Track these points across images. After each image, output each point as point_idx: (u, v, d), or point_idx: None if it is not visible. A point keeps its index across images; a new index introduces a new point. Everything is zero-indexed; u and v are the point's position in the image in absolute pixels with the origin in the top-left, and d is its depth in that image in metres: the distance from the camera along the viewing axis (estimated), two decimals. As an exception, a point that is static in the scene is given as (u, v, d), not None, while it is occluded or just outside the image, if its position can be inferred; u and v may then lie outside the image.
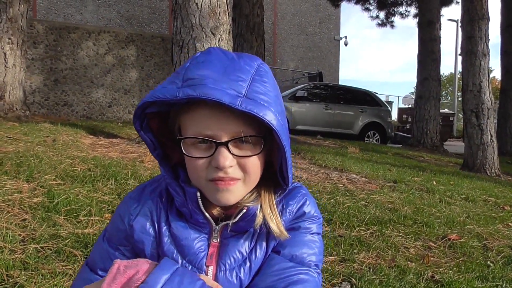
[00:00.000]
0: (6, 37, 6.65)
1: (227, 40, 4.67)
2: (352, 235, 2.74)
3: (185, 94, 0.80)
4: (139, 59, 11.03)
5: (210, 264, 0.94)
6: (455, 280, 2.20)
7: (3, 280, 1.76)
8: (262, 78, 0.86)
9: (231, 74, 0.83)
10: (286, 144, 0.86)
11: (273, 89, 0.87)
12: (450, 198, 4.19)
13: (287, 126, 0.89)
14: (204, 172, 0.87)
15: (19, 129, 4.91)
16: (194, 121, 0.85)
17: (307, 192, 1.03)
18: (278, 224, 0.93)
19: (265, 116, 0.80)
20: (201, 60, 0.86)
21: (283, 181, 0.93)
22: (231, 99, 0.79)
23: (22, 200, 2.60)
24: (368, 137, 12.89)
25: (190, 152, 0.87)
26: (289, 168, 0.90)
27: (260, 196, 0.94)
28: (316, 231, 1.00)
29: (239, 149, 0.86)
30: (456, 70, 28.81)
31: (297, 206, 0.99)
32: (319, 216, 1.02)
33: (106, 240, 1.00)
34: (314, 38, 22.51)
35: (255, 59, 0.90)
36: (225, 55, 0.87)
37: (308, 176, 4.39)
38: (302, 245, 0.96)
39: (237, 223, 0.94)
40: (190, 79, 0.82)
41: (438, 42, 11.62)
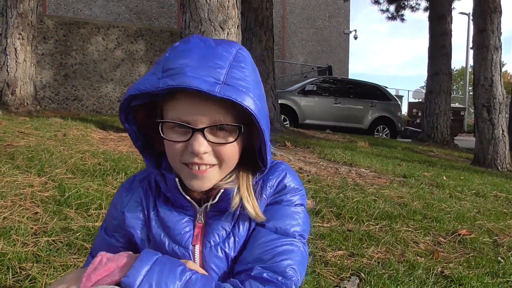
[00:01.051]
0: (17, 32, 6.70)
1: (235, 34, 4.66)
2: (361, 230, 2.73)
3: (165, 84, 0.82)
4: (148, 54, 11.06)
5: (196, 243, 0.98)
6: (465, 276, 2.19)
7: (16, 272, 1.79)
8: (239, 64, 0.87)
9: (209, 61, 0.85)
10: (265, 128, 0.88)
11: (251, 74, 0.89)
12: (461, 193, 4.16)
13: (266, 110, 0.92)
14: (181, 156, 0.90)
15: (30, 124, 4.96)
16: (175, 107, 0.88)
17: (287, 167, 1.05)
18: (254, 207, 0.96)
19: (244, 102, 0.83)
20: (180, 49, 0.89)
21: (262, 163, 0.96)
22: (209, 86, 0.81)
23: (33, 194, 2.63)
24: (378, 131, 12.81)
25: (168, 135, 0.90)
26: (268, 151, 0.92)
27: (238, 178, 0.97)
28: (299, 203, 1.02)
29: (215, 136, 0.89)
30: (468, 64, 28.47)
31: (277, 180, 1.01)
32: (301, 188, 1.04)
33: (103, 228, 1.09)
34: (324, 32, 22.37)
35: (234, 45, 0.91)
36: (203, 42, 0.89)
37: (317, 171, 4.38)
38: (286, 217, 0.98)
39: (216, 204, 0.97)
40: (170, 69, 0.84)
41: (449, 36, 11.48)
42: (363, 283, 2.04)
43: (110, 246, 1.06)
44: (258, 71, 0.94)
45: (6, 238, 2.04)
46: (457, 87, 52.27)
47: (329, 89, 12.77)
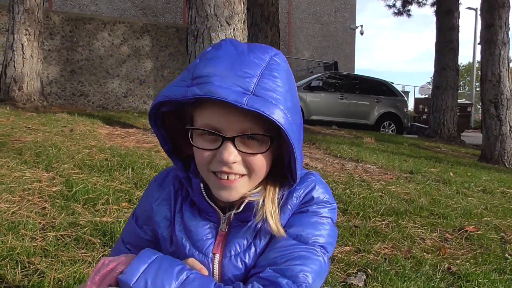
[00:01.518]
0: (24, 28, 6.73)
1: (241, 29, 4.65)
2: (367, 226, 2.73)
3: (193, 94, 0.80)
4: (153, 50, 11.06)
5: (216, 251, 0.96)
6: (472, 272, 2.18)
7: (25, 266, 1.80)
8: (272, 72, 0.83)
9: (238, 70, 0.81)
10: (295, 142, 0.84)
11: (285, 84, 0.85)
12: (467, 189, 4.14)
13: (299, 122, 0.88)
14: (209, 164, 0.88)
15: (37, 119, 4.99)
16: (204, 114, 0.86)
17: (318, 178, 1.00)
18: (276, 222, 0.92)
19: (272, 115, 0.79)
20: (210, 56, 0.86)
21: (291, 176, 0.92)
22: (236, 97, 0.78)
23: (41, 189, 2.65)
24: (384, 127, 12.76)
25: (197, 142, 0.88)
26: (297, 165, 0.88)
27: (265, 190, 0.94)
28: (326, 215, 0.97)
29: (246, 146, 0.86)
30: (475, 59, 28.26)
31: (304, 191, 0.97)
32: (331, 202, 0.99)
33: (134, 217, 1.10)
34: (330, 27, 22.27)
35: (269, 51, 0.87)
36: (235, 48, 0.86)
37: (323, 167, 4.37)
38: (308, 226, 0.95)
39: (240, 214, 0.95)
40: (198, 77, 0.82)
41: (456, 31, 11.39)
42: (370, 279, 2.04)
43: (138, 236, 1.07)
44: (292, 78, 0.90)
45: (14, 232, 2.05)
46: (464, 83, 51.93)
47: (335, 84, 12.72)
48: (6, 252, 1.87)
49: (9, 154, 3.27)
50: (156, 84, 11.06)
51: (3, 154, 3.25)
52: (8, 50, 6.77)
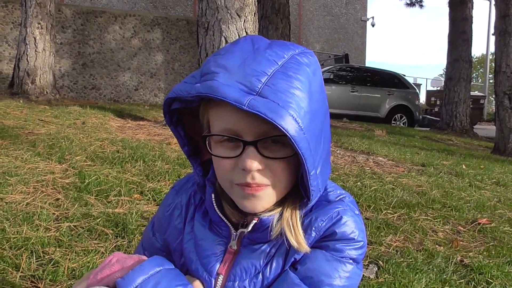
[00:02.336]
0: (36, 22, 6.78)
1: (252, 21, 4.63)
2: (379, 218, 2.71)
3: (196, 91, 0.73)
4: (164, 42, 11.08)
5: (221, 271, 0.87)
6: (485, 265, 2.16)
7: (39, 256, 1.83)
8: (287, 72, 0.73)
9: (247, 67, 0.72)
10: (305, 152, 0.72)
11: (302, 85, 0.73)
12: (480, 182, 4.10)
13: (316, 130, 0.76)
14: (230, 174, 0.79)
15: (50, 112, 5.04)
16: (220, 117, 0.77)
17: (348, 208, 0.85)
18: (297, 236, 0.81)
19: (276, 119, 0.68)
20: (224, 51, 0.78)
21: (304, 192, 0.81)
22: (238, 97, 0.69)
23: (55, 181, 2.68)
24: (395, 120, 12.67)
25: (216, 150, 0.79)
26: (310, 180, 0.76)
27: (284, 205, 0.83)
28: (351, 256, 0.83)
29: (270, 150, 0.76)
30: (488, 51, 27.81)
31: (327, 224, 0.83)
32: (359, 240, 0.84)
33: (152, 223, 1.02)
34: (340, 19, 22.08)
35: (291, 48, 0.77)
36: (253, 43, 0.77)
37: (334, 159, 4.36)
38: (322, 267, 0.82)
39: (252, 233, 0.85)
40: (206, 74, 0.75)
41: (470, 22, 11.22)
42: (381, 271, 2.04)
43: (152, 244, 1.00)
44: (319, 82, 0.79)
45: (29, 223, 2.09)
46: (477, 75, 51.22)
47: (346, 77, 12.64)
48: (22, 242, 1.90)
49: (23, 146, 3.32)
50: (166, 77, 11.10)
51: (17, 146, 3.30)
52: (21, 43, 6.84)
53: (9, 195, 2.39)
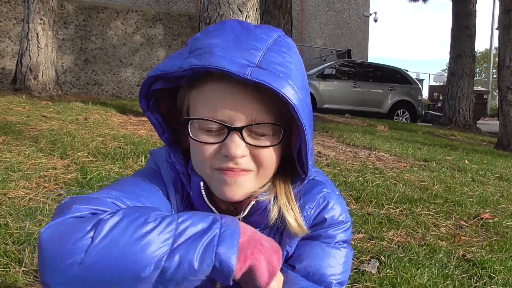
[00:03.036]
0: (38, 17, 6.77)
1: (254, 17, 4.62)
2: (381, 213, 2.71)
3: (190, 64, 0.70)
4: (166, 38, 11.07)
5: None
6: (488, 260, 2.16)
7: (42, 251, 1.83)
8: (280, 48, 0.74)
9: (242, 42, 0.72)
10: (306, 123, 0.73)
11: (295, 61, 0.75)
12: (483, 177, 4.08)
13: (309, 105, 0.76)
14: (212, 160, 0.76)
15: (52, 108, 5.05)
16: (205, 101, 0.75)
17: (331, 191, 0.87)
18: (296, 217, 0.81)
19: (280, 88, 0.69)
20: (212, 29, 0.77)
21: (301, 168, 0.81)
22: (239, 68, 0.68)
23: (57, 176, 2.69)
24: (398, 115, 12.63)
25: (198, 136, 0.76)
26: (309, 154, 0.77)
27: (275, 186, 0.82)
28: (342, 239, 0.87)
29: (254, 138, 0.76)
30: (492, 45, 27.66)
31: (315, 211, 0.84)
32: (346, 221, 0.87)
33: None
34: (343, 14, 22.00)
35: (276, 30, 0.78)
36: (240, 25, 0.77)
37: (336, 155, 4.35)
38: (321, 259, 0.83)
39: (247, 218, 0.81)
40: (198, 48, 0.73)
41: (473, 17, 11.17)
42: (383, 266, 2.04)
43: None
44: (302, 63, 0.80)
45: (32, 218, 2.09)
46: (481, 70, 50.97)
47: (348, 73, 12.60)
48: (24, 237, 1.91)
49: (26, 142, 3.32)
50: (168, 72, 11.08)
51: (19, 142, 3.30)
52: (23, 39, 6.84)
53: (12, 190, 2.39)
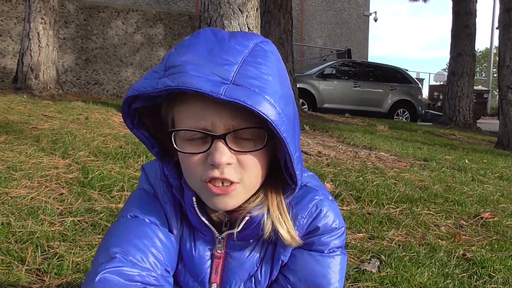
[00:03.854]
0: (39, 16, 6.78)
1: (254, 17, 4.62)
2: (381, 213, 2.72)
3: (164, 85, 0.69)
4: (167, 38, 11.07)
5: (215, 281, 0.86)
6: (488, 259, 2.17)
7: (44, 250, 1.85)
8: (256, 59, 0.72)
9: (216, 57, 0.71)
10: (287, 135, 0.72)
11: (272, 71, 0.73)
12: (483, 176, 4.09)
13: (291, 114, 0.75)
14: (199, 171, 0.76)
15: (54, 107, 5.06)
16: (187, 112, 0.75)
17: (323, 197, 0.86)
18: (289, 229, 0.81)
19: (255, 105, 0.67)
20: (186, 44, 0.76)
21: (290, 178, 0.80)
22: (213, 87, 0.67)
23: (58, 176, 2.70)
24: (398, 115, 12.64)
25: (183, 147, 0.76)
26: (295, 164, 0.76)
27: (267, 198, 0.82)
28: (336, 246, 0.86)
29: (239, 145, 0.75)
30: (492, 45, 27.65)
31: (308, 220, 0.84)
32: (340, 227, 0.87)
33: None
34: (343, 14, 21.99)
35: (253, 37, 0.76)
36: (214, 35, 0.75)
37: (336, 154, 4.36)
38: (317, 270, 0.84)
39: (242, 232, 0.83)
40: (172, 67, 0.72)
41: (473, 16, 11.16)
42: (383, 265, 2.05)
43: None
44: (284, 68, 0.79)
45: (34, 217, 2.10)
46: (481, 69, 50.96)
47: (348, 72, 12.61)
48: (27, 236, 1.92)
49: (27, 141, 3.33)
50: (169, 72, 11.09)
51: (21, 141, 3.32)
52: (24, 38, 6.84)
53: (14, 189, 2.41)
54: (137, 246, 0.79)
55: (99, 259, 0.78)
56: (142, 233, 0.82)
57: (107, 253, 0.78)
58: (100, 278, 0.73)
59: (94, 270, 0.75)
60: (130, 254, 0.78)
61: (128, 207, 0.89)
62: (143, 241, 0.81)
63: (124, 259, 0.77)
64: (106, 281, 0.73)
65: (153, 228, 0.83)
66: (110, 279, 0.73)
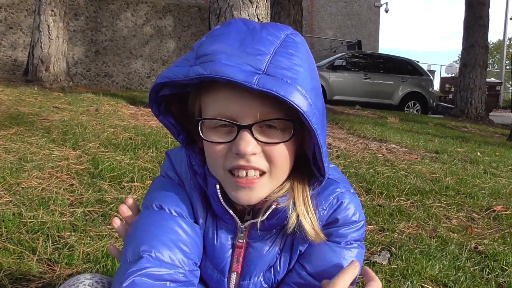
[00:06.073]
0: (49, 9, 6.80)
1: (264, 7, 4.59)
2: (391, 205, 2.70)
3: (196, 73, 0.69)
4: (176, 30, 11.06)
5: (235, 270, 0.86)
6: (500, 252, 2.14)
7: (55, 240, 1.86)
8: (287, 49, 0.72)
9: (248, 47, 0.70)
10: (318, 127, 0.71)
11: (303, 62, 0.73)
12: (496, 169, 4.04)
13: (321, 107, 0.75)
14: (223, 160, 0.76)
15: (64, 99, 5.09)
16: (215, 101, 0.75)
17: (345, 190, 0.86)
18: (313, 224, 0.81)
19: (288, 96, 0.67)
20: (218, 33, 0.75)
21: (318, 171, 0.79)
22: (246, 77, 0.67)
23: (69, 167, 2.71)
24: (408, 107, 12.52)
25: (209, 136, 0.76)
26: (324, 156, 0.75)
27: (293, 190, 0.81)
28: (354, 238, 0.86)
29: (265, 135, 0.75)
30: (505, 36, 27.21)
31: (328, 212, 0.84)
32: (360, 220, 0.86)
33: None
34: (353, 5, 21.76)
35: (284, 28, 0.76)
36: (246, 25, 0.75)
37: (347, 146, 4.33)
38: (332, 260, 0.84)
39: (266, 222, 0.82)
40: (203, 55, 0.71)
41: (486, 6, 10.97)
42: (394, 258, 2.03)
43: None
44: (313, 60, 0.77)
45: (45, 208, 2.12)
46: (493, 61, 50.21)
47: (358, 64, 12.49)
48: (38, 226, 1.93)
49: (38, 132, 3.36)
50: (178, 64, 11.10)
51: (32, 133, 3.34)
52: (35, 31, 6.88)
53: (25, 180, 2.42)
54: (164, 243, 0.79)
55: (128, 257, 0.79)
56: (169, 228, 0.82)
57: (136, 250, 0.78)
58: (129, 283, 0.74)
59: (123, 272, 0.76)
60: (158, 252, 0.78)
61: (153, 196, 0.88)
62: (170, 237, 0.80)
63: (152, 258, 0.77)
64: (135, 284, 0.74)
65: (179, 222, 0.83)
66: (139, 282, 0.75)
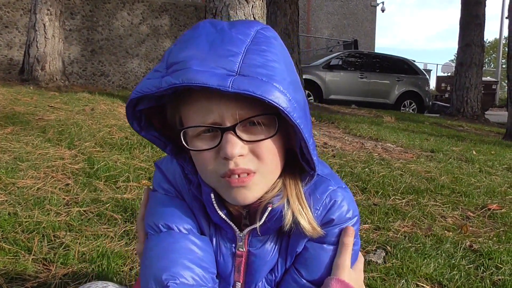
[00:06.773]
0: (45, 8, 6.78)
1: (260, 7, 4.58)
2: (387, 204, 2.71)
3: (168, 84, 0.67)
4: (172, 29, 11.04)
5: (238, 279, 0.86)
6: (495, 250, 2.15)
7: (51, 240, 1.86)
8: (259, 46, 0.70)
9: (218, 49, 0.68)
10: (301, 121, 0.70)
11: (278, 58, 0.71)
12: (491, 168, 4.06)
13: (301, 99, 0.73)
14: (213, 166, 0.75)
15: (60, 99, 5.07)
16: (193, 109, 0.73)
17: (337, 187, 0.84)
18: (309, 220, 0.80)
19: (265, 94, 0.66)
20: (186, 38, 0.73)
21: (308, 165, 0.78)
22: (219, 81, 0.65)
23: (64, 166, 2.71)
24: (405, 106, 12.56)
25: (194, 144, 0.75)
26: (310, 150, 0.74)
27: (286, 188, 0.80)
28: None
29: (250, 133, 0.73)
30: (502, 35, 27.29)
31: (322, 212, 0.82)
32: (354, 216, 0.85)
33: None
34: (350, 4, 21.79)
35: (253, 25, 0.73)
36: (213, 27, 0.73)
37: (342, 145, 4.34)
38: (326, 265, 0.83)
39: (264, 225, 0.81)
40: (174, 63, 0.69)
41: (483, 5, 11.00)
42: (389, 256, 2.04)
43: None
44: (288, 54, 0.76)
45: (40, 207, 2.12)
46: (489, 60, 50.39)
47: (354, 63, 12.52)
48: (33, 226, 1.93)
49: (33, 132, 3.35)
50: (175, 63, 11.08)
51: (27, 132, 3.33)
52: (30, 30, 6.85)
53: (21, 180, 2.42)
54: (184, 266, 0.79)
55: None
56: (185, 249, 0.81)
57: (159, 282, 0.78)
58: None
59: None
60: (182, 277, 0.78)
61: (156, 216, 0.86)
62: (188, 257, 0.80)
63: (177, 285, 0.77)
64: None
65: (191, 238, 0.82)
66: None
